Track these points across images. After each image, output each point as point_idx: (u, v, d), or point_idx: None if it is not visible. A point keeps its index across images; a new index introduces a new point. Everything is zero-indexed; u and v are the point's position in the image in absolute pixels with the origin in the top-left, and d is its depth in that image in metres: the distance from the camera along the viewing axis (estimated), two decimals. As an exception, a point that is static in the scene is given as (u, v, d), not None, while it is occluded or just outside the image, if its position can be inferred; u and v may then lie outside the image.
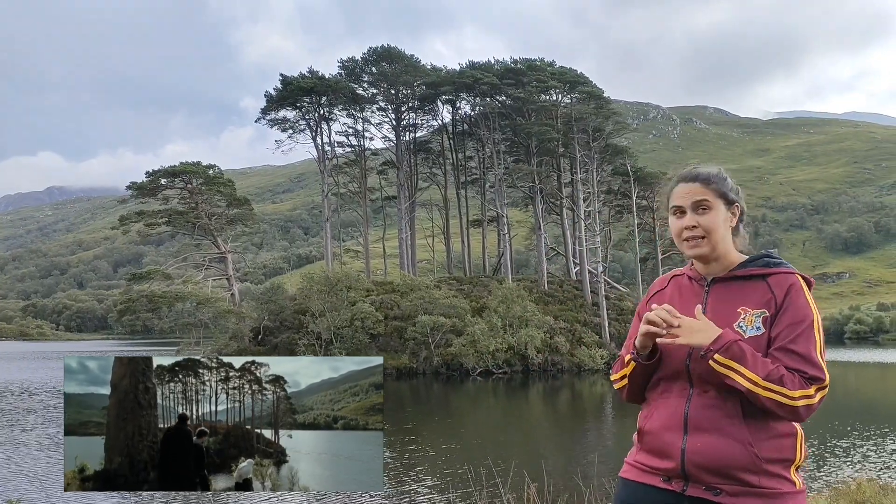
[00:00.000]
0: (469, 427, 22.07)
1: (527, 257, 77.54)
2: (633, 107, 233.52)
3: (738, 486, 1.92)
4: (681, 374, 2.03)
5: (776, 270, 2.06)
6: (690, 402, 1.99)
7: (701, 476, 1.94)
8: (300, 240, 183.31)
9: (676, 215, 2.13)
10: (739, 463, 1.91)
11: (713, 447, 1.93)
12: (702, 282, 2.13)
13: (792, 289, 2.02)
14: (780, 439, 1.97)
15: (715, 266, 2.11)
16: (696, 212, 2.08)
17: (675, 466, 1.97)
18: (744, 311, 2.01)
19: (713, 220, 2.07)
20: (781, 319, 1.98)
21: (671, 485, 1.99)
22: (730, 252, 2.11)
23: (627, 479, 2.11)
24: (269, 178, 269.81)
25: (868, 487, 6.61)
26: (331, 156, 51.51)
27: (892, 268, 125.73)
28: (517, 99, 49.09)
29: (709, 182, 2.10)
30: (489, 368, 36.31)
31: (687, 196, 2.10)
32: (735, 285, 2.07)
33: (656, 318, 1.97)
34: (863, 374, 41.14)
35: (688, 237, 2.09)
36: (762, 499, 1.92)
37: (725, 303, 2.05)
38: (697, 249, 2.08)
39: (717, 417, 1.95)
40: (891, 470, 13.64)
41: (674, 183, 2.17)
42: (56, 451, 16.49)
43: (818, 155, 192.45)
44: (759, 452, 1.93)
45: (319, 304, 37.51)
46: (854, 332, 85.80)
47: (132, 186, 45.21)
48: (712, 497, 1.93)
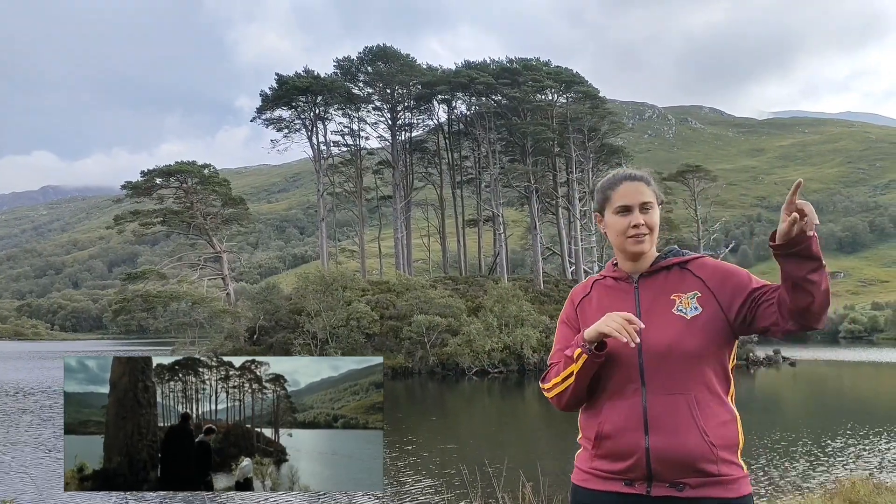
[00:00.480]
0: (464, 427, 22.08)
1: (522, 257, 77.55)
2: (629, 106, 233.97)
3: (700, 478, 1.97)
4: (632, 374, 2.05)
5: (692, 257, 2.19)
6: (646, 401, 2.02)
7: (666, 473, 1.98)
8: (295, 239, 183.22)
9: (621, 213, 2.18)
10: (699, 454, 1.97)
11: (675, 442, 1.98)
12: (628, 280, 2.20)
13: (712, 266, 2.15)
14: (726, 426, 2.04)
15: (643, 262, 2.19)
16: (642, 210, 2.16)
17: (640, 467, 2.00)
18: (677, 297, 2.10)
19: (655, 219, 2.18)
20: (727, 282, 2.10)
21: (634, 488, 2.01)
22: (653, 251, 2.22)
23: (588, 489, 2.11)
24: (264, 178, 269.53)
25: (862, 486, 6.64)
26: (326, 155, 51.48)
27: (886, 267, 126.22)
28: (513, 98, 49.10)
29: (649, 183, 2.21)
30: (485, 368, 36.31)
31: (634, 195, 2.17)
32: (661, 277, 2.16)
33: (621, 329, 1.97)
34: (857, 373, 41.28)
35: (634, 234, 2.15)
36: (721, 486, 1.98)
37: (658, 294, 2.13)
38: (641, 246, 2.15)
39: (674, 412, 2.00)
40: (885, 469, 13.69)
41: (615, 182, 2.22)
42: (52, 452, 16.46)
43: (813, 155, 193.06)
44: (713, 441, 1.99)
45: (315, 304, 37.47)
46: (849, 332, 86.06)
47: (127, 186, 45.14)
48: (677, 493, 1.97)
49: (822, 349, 63.93)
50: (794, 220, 1.81)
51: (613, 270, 2.25)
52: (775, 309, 1.99)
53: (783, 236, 1.85)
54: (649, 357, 2.04)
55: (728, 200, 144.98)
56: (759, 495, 11.67)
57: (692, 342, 2.03)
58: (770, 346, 49.33)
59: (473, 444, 17.22)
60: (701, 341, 2.04)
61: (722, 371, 2.09)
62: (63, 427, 2.15)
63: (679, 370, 2.02)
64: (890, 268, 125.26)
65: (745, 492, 2.02)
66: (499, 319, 37.60)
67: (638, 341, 1.96)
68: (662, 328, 2.06)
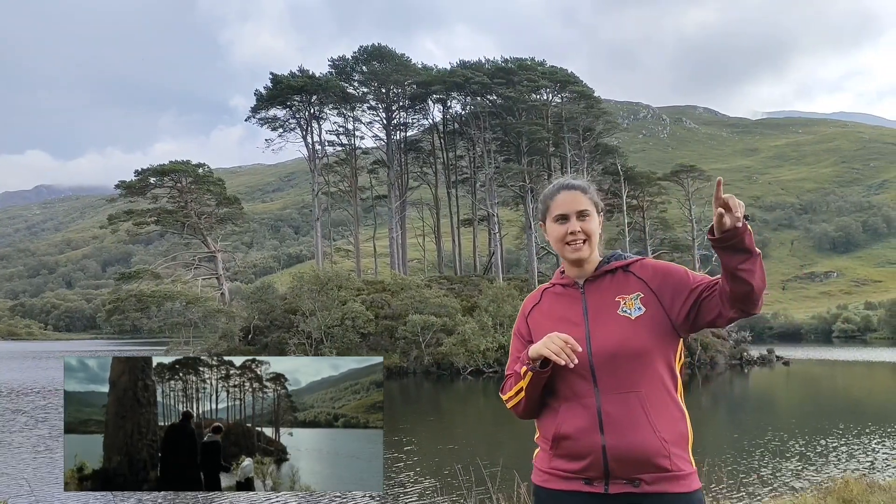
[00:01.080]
0: (459, 426, 22.09)
1: (517, 256, 77.69)
2: (624, 106, 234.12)
3: (654, 474, 2.05)
4: (584, 376, 2.13)
5: (633, 260, 2.29)
6: (600, 402, 2.10)
7: (622, 470, 2.06)
8: (290, 239, 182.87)
9: (559, 221, 2.27)
10: (653, 450, 2.05)
11: (630, 441, 2.05)
12: (575, 286, 2.29)
13: (652, 267, 2.25)
14: (676, 422, 2.12)
15: (587, 268, 2.28)
16: (579, 218, 2.25)
17: (597, 467, 2.07)
18: (621, 298, 2.19)
19: (592, 227, 2.26)
20: (667, 286, 2.18)
21: (594, 486, 2.09)
22: (597, 255, 2.30)
23: (549, 489, 2.18)
24: (259, 177, 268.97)
25: (856, 485, 6.67)
26: (321, 155, 51.42)
27: (879, 267, 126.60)
28: (508, 98, 49.12)
29: (587, 192, 2.30)
30: (480, 367, 36.34)
31: (571, 204, 2.26)
32: (605, 280, 2.25)
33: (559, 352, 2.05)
34: (850, 373, 41.43)
35: (571, 241, 2.24)
36: (675, 481, 2.06)
37: (603, 297, 2.22)
38: (579, 253, 2.24)
39: (627, 411, 2.08)
40: (878, 468, 13.75)
41: (554, 191, 2.32)
42: (45, 453, 16.40)
43: (807, 155, 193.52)
44: (664, 437, 2.07)
45: (310, 304, 37.44)
46: (842, 331, 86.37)
47: (121, 185, 45.00)
48: (633, 489, 2.05)
49: (815, 349, 64.19)
50: (721, 213, 1.92)
51: (561, 277, 2.34)
52: (717, 301, 2.09)
53: (718, 230, 1.95)
54: (599, 358, 2.12)
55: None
56: (752, 495, 11.72)
57: (637, 341, 2.11)
58: (764, 346, 49.51)
59: (468, 443, 17.23)
60: (646, 340, 2.12)
61: (669, 369, 2.16)
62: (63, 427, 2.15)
63: (628, 369, 2.10)
64: (883, 268, 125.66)
65: (696, 486, 2.11)
66: (494, 319, 37.62)
67: (576, 362, 2.05)
68: (609, 330, 2.15)
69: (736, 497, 10.99)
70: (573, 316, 2.20)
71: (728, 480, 12.19)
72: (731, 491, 10.97)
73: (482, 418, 23.94)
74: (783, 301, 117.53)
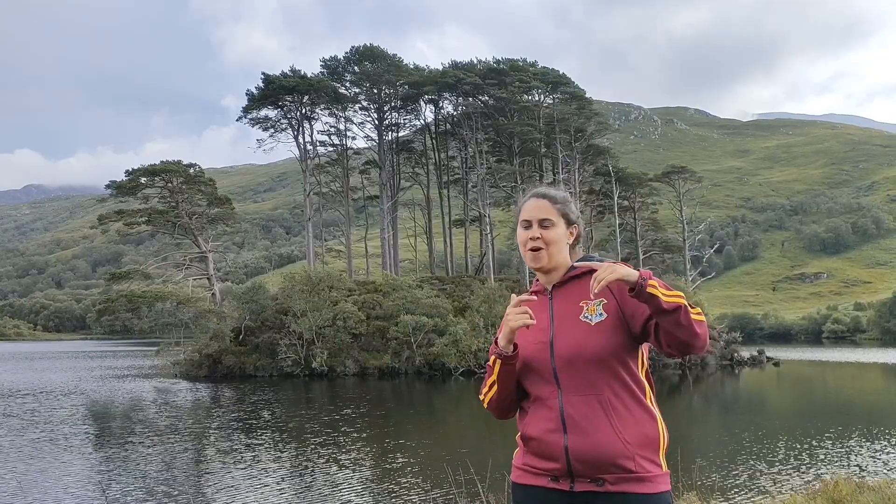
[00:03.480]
0: (451, 427, 22.09)
1: (509, 257, 77.56)
2: (615, 107, 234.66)
3: (617, 474, 2.09)
4: (548, 379, 2.19)
5: (598, 265, 2.25)
6: (563, 404, 2.16)
7: (585, 471, 2.11)
8: (282, 239, 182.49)
9: (524, 227, 2.34)
10: (614, 451, 2.09)
11: (591, 442, 2.10)
12: (544, 293, 2.34)
13: None
14: (642, 424, 2.15)
15: (554, 275, 2.33)
16: (541, 226, 2.31)
17: (562, 466, 2.14)
18: (585, 303, 2.23)
19: (553, 235, 2.31)
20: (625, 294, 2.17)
21: (559, 484, 2.15)
22: (566, 263, 2.34)
23: (521, 484, 2.25)
24: (250, 178, 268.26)
25: (845, 486, 6.69)
26: (313, 155, 51.32)
27: (869, 268, 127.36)
28: (500, 99, 49.14)
29: (555, 202, 2.35)
30: (471, 368, 36.33)
31: (535, 211, 2.33)
32: (571, 286, 2.30)
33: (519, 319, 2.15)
34: (840, 373, 41.61)
35: (531, 247, 2.31)
36: (638, 482, 2.10)
37: (567, 302, 2.27)
38: (537, 261, 2.31)
39: (589, 413, 2.13)
40: (868, 468, 13.81)
41: (526, 198, 2.41)
42: (40, 460, 16.25)
43: (797, 156, 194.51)
44: (628, 439, 2.11)
45: (301, 304, 37.35)
46: (832, 332, 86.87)
47: (112, 185, 44.79)
48: (597, 488, 2.11)
49: (805, 349, 64.50)
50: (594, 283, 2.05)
51: (535, 285, 2.42)
52: (658, 336, 2.14)
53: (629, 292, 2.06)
54: (560, 361, 2.18)
55: (713, 201, 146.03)
56: (742, 495, 11.75)
57: (595, 345, 2.16)
58: (754, 347, 49.69)
59: (459, 444, 17.22)
60: (604, 345, 2.16)
61: (631, 373, 2.20)
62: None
63: (588, 372, 2.15)
64: (873, 269, 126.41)
65: (663, 489, 2.14)
66: (485, 319, 37.61)
67: (534, 322, 2.15)
68: (570, 334, 2.21)
69: (725, 497, 11.01)
70: (541, 321, 2.24)
71: (718, 481, 12.23)
72: (720, 491, 10.99)
73: (473, 419, 23.93)
74: (773, 302, 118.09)
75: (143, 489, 12.99)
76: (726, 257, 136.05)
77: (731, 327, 51.36)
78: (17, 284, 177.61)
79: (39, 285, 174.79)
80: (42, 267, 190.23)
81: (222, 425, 21.13)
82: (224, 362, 37.72)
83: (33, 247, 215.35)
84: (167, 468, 14.94)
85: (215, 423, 21.55)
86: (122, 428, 20.71)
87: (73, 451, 16.67)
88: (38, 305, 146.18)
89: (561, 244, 2.31)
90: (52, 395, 29.67)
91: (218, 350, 38.03)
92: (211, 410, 25.10)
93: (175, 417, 22.80)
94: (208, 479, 13.87)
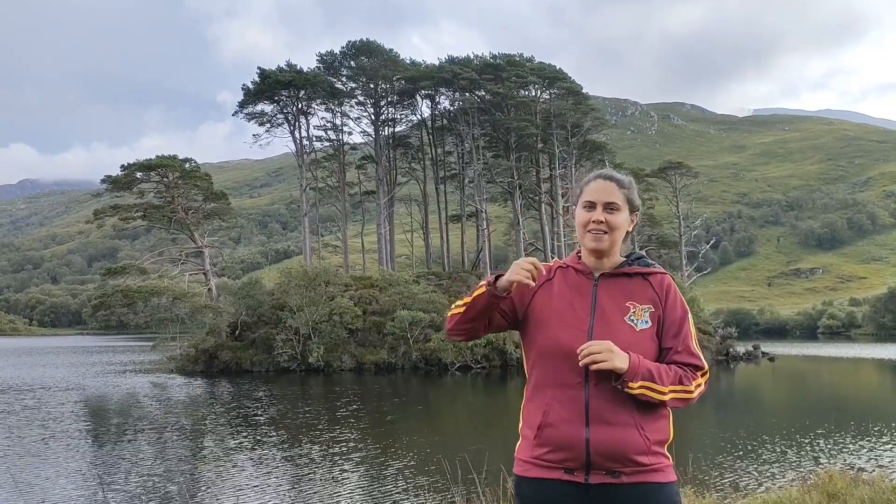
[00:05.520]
0: (447, 422, 22.12)
1: (506, 252, 77.64)
2: (612, 103, 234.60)
3: (634, 468, 2.09)
4: (578, 368, 2.12)
5: (655, 271, 2.28)
6: (589, 395, 2.11)
7: (603, 463, 2.09)
8: (278, 234, 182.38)
9: (586, 208, 2.26)
10: (636, 447, 2.09)
11: (614, 436, 2.08)
12: (590, 276, 2.27)
13: (670, 288, 2.25)
14: (660, 421, 2.16)
15: (605, 262, 2.27)
16: (606, 209, 2.24)
17: (580, 457, 2.10)
18: (632, 305, 2.20)
19: (617, 220, 2.24)
20: (667, 317, 2.22)
21: (574, 476, 2.11)
22: (619, 252, 2.29)
23: (530, 477, 2.18)
24: (246, 173, 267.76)
25: (840, 479, 6.72)
26: (309, 150, 51.19)
27: (864, 263, 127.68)
28: (496, 94, 49.08)
29: (622, 185, 2.28)
30: (468, 363, 36.37)
31: (601, 193, 2.25)
32: (621, 281, 2.25)
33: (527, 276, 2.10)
34: (835, 369, 41.73)
35: (593, 230, 2.23)
36: (652, 474, 2.11)
37: (614, 297, 2.22)
38: (599, 243, 2.23)
39: (614, 408, 2.10)
40: (863, 462, 13.87)
41: (591, 178, 2.32)
42: (37, 457, 16.22)
43: (793, 152, 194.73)
44: (648, 436, 2.11)
45: (298, 299, 37.33)
46: (827, 327, 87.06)
47: (107, 180, 44.67)
48: (613, 480, 2.09)
49: (800, 344, 64.66)
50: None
51: (577, 262, 2.31)
52: None
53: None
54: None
55: (709, 197, 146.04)
56: (736, 489, 11.79)
57: (639, 352, 2.12)
58: (750, 342, 49.80)
59: (456, 439, 17.26)
60: (646, 352, 2.15)
61: None
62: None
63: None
64: (868, 264, 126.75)
65: (673, 478, 2.17)
66: (482, 315, 37.60)
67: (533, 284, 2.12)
68: (612, 331, 2.16)
69: (720, 491, 11.06)
70: (581, 307, 2.20)
71: (713, 475, 12.28)
72: (714, 485, 11.03)
73: (470, 414, 23.98)
74: (769, 297, 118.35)
75: (140, 485, 13.00)
76: (722, 253, 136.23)
77: (726, 322, 51.46)
78: (13, 279, 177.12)
79: (35, 280, 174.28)
80: (37, 262, 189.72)
81: (218, 421, 21.14)
82: (220, 357, 37.69)
83: (28, 242, 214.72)
84: (163, 464, 14.95)
85: (211, 419, 21.56)
86: (118, 424, 20.70)
87: (70, 448, 16.66)
88: (34, 300, 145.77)
89: (623, 230, 2.26)
90: (49, 390, 29.62)
91: (214, 345, 38.01)
92: (207, 406, 25.09)
93: (171, 413, 22.80)
94: (204, 475, 13.88)
